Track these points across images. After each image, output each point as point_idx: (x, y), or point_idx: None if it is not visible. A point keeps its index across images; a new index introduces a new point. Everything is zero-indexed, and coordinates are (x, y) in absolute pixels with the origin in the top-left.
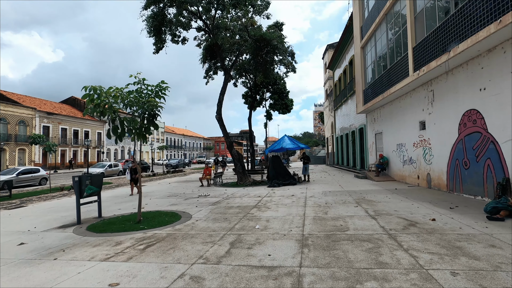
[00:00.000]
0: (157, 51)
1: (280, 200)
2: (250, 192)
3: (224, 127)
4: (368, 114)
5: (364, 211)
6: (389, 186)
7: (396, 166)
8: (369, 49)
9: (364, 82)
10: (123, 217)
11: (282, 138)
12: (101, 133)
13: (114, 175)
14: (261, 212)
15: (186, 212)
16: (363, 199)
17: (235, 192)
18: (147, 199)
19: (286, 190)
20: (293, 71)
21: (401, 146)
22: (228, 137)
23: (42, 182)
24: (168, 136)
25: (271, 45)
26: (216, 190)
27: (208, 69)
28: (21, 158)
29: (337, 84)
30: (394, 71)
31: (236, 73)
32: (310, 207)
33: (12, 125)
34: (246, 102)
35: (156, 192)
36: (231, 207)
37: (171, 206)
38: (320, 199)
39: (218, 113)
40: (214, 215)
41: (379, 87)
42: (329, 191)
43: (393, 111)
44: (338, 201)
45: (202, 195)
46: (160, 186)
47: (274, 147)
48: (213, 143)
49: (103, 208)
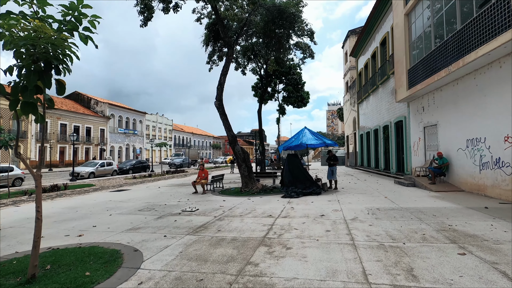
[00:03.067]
0: (144, 23)
1: (305, 226)
2: (257, 207)
3: (226, 116)
4: (412, 102)
5: (493, 271)
6: (466, 202)
7: (466, 170)
8: (419, 14)
9: (410, 59)
10: (7, 266)
11: (301, 131)
12: (104, 130)
13: (107, 175)
14: (274, 262)
15: (140, 251)
16: (452, 230)
17: (236, 206)
18: (106, 215)
19: (310, 204)
20: (311, 56)
21: (477, 142)
22: (230, 129)
23: (16, 183)
24: (177, 134)
25: (287, 15)
26: (211, 200)
27: (211, 53)
28: None
29: (362, 72)
30: (474, 30)
31: (243, 56)
32: (366, 248)
33: (6, 119)
34: (256, 94)
35: (131, 201)
36: (222, 240)
37: (126, 234)
38: (373, 225)
39: (217, 98)
40: (184, 263)
41: (439, 61)
42: (376, 208)
43: (462, 93)
44: (408, 232)
45: (187, 209)
46: (144, 192)
47: (290, 144)
48: (223, 142)
49: (14, 236)
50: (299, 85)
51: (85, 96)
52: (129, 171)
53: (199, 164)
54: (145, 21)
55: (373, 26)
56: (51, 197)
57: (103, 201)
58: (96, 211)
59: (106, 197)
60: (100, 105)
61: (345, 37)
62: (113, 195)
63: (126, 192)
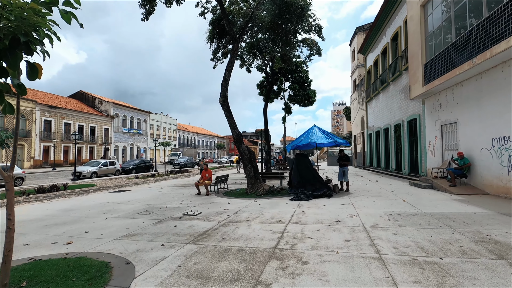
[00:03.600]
0: (146, 16)
1: (320, 235)
2: (265, 211)
3: (231, 113)
4: (428, 99)
5: None
6: (496, 207)
7: (491, 172)
8: (436, 5)
9: (426, 53)
10: None
11: (311, 129)
12: (109, 129)
13: (110, 175)
14: (289, 282)
15: (132, 263)
16: (494, 242)
17: (242, 209)
18: (101, 219)
19: (322, 208)
20: (318, 53)
21: (505, 141)
22: (236, 128)
23: (17, 182)
24: (181, 133)
25: (295, 8)
26: (214, 202)
27: (216, 50)
28: (20, 154)
29: (371, 70)
30: (504, 17)
31: (249, 53)
32: (397, 264)
33: (9, 118)
34: (261, 93)
35: (131, 203)
36: (227, 251)
37: (120, 242)
38: (398, 234)
39: (222, 95)
40: (182, 281)
41: (461, 53)
42: (396, 212)
43: (486, 87)
44: (442, 244)
45: (190, 213)
46: (145, 193)
47: (299, 142)
48: (228, 142)
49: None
50: (306, 83)
51: (90, 95)
52: (132, 170)
53: (202, 164)
54: (146, 15)
55: (384, 21)
56: (49, 198)
57: (101, 202)
58: (91, 214)
59: (105, 198)
60: (105, 104)
61: (353, 34)
62: (112, 196)
63: (126, 193)
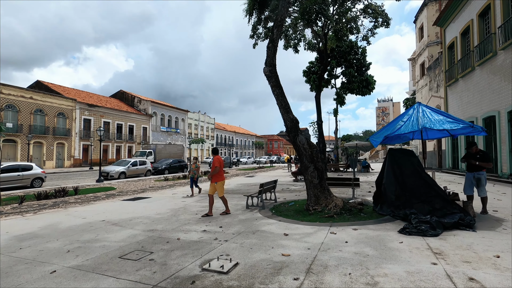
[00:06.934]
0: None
1: None
2: (370, 263)
3: (281, 89)
4: None
5: None
6: None
7: None
8: None
9: None
10: None
11: (412, 109)
12: (147, 128)
13: (140, 175)
14: None
15: None
16: None
17: (317, 257)
18: (44, 271)
19: (482, 260)
20: (385, 24)
21: None
22: (289, 111)
23: (35, 183)
24: (219, 133)
25: None
26: (260, 231)
27: (256, 24)
28: (60, 153)
29: (456, 43)
30: None
31: (301, 19)
32: None
33: (51, 117)
34: (309, 80)
35: (132, 223)
36: None
37: None
38: None
39: (268, 63)
40: None
41: None
42: None
43: None
44: None
45: (214, 264)
46: (163, 204)
47: (393, 131)
48: (265, 142)
49: None
50: (364, 67)
51: (129, 94)
52: (164, 171)
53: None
54: None
55: None
56: (39, 208)
57: (90, 222)
58: (47, 250)
59: (104, 213)
60: (143, 103)
61: (420, 7)
62: (119, 207)
63: (141, 202)
